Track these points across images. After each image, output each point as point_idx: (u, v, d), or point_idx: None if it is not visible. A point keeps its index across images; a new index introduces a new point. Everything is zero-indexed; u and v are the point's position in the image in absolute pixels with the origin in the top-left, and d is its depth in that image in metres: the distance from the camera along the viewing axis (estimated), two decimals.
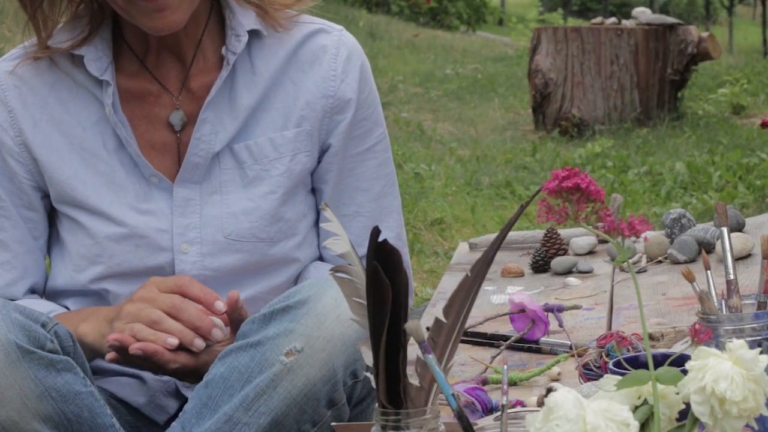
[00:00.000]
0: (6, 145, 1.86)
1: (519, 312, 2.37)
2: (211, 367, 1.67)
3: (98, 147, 1.84)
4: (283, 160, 1.85)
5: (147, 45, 1.86)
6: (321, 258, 1.94)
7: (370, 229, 1.85)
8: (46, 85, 1.86)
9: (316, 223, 1.93)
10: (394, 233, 1.93)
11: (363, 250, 1.23)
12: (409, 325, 1.19)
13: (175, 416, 1.84)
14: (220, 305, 1.71)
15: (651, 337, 2.26)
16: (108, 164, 1.84)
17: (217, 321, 1.71)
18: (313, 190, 1.93)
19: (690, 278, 1.58)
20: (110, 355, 1.71)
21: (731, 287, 1.62)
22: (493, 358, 2.27)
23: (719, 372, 1.20)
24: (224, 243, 1.83)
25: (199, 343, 1.69)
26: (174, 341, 1.68)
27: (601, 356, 1.94)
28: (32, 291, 1.91)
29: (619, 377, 1.25)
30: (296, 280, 1.91)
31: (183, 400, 1.86)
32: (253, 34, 1.85)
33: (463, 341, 2.41)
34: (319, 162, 1.89)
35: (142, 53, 1.86)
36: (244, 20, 1.84)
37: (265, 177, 1.84)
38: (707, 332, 1.27)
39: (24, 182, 1.87)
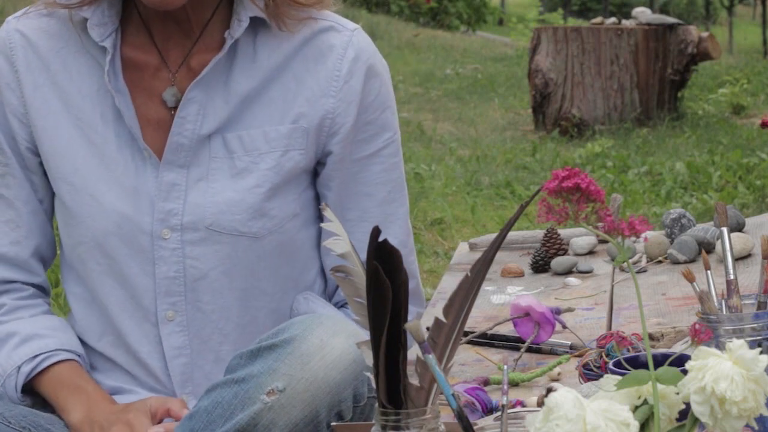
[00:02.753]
0: (12, 104, 1.85)
1: (523, 316, 2.36)
2: (199, 399, 1.67)
3: (95, 117, 1.82)
4: (274, 154, 1.81)
5: (156, 16, 1.82)
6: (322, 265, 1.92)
7: None
8: (53, 49, 1.84)
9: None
10: (397, 240, 1.87)
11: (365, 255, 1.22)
12: (409, 325, 1.19)
13: None
14: None
15: (651, 337, 2.26)
16: (102, 135, 1.82)
17: None
18: (319, 196, 1.89)
19: (690, 278, 1.58)
20: None
21: (731, 287, 1.62)
22: (515, 361, 2.27)
23: (719, 372, 1.20)
24: (206, 233, 1.81)
25: None
26: None
27: (601, 356, 1.94)
28: (38, 254, 1.90)
29: (619, 377, 1.25)
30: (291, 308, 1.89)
31: None
32: (260, 22, 1.82)
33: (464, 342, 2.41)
34: (324, 166, 1.86)
35: (151, 23, 1.83)
36: (250, 7, 1.81)
37: (254, 170, 1.81)
38: (707, 332, 1.27)
39: (23, 144, 1.85)
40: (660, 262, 3.01)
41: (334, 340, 1.62)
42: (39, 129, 1.84)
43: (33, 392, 1.83)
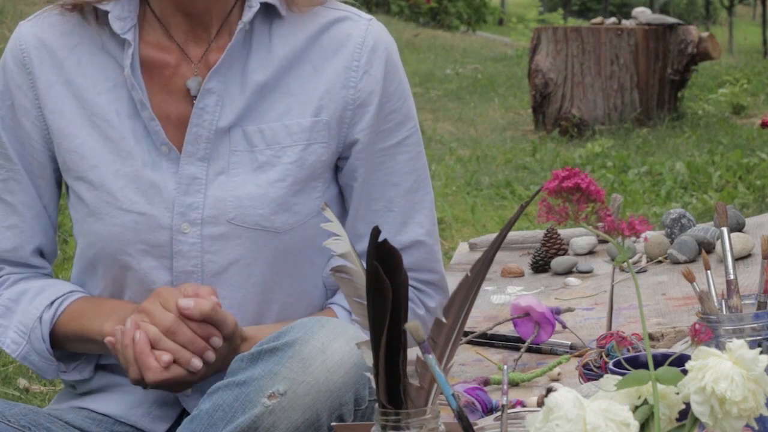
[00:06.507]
0: (24, 107, 1.85)
1: (523, 316, 2.36)
2: (200, 402, 1.67)
3: (110, 113, 1.82)
4: (296, 148, 1.81)
5: (174, 14, 1.83)
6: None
7: (400, 225, 1.86)
8: (66, 46, 1.85)
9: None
10: (424, 229, 1.88)
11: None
12: (409, 325, 1.20)
13: (174, 425, 1.84)
14: (216, 341, 1.72)
15: (651, 337, 2.26)
16: (118, 131, 1.81)
17: (214, 341, 1.72)
18: (342, 190, 1.88)
19: (690, 278, 1.58)
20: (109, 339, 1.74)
21: (731, 287, 1.62)
22: (515, 361, 2.27)
23: (719, 372, 1.20)
24: (227, 227, 1.80)
25: (196, 363, 1.70)
26: (167, 358, 1.69)
27: (601, 356, 1.94)
28: (40, 253, 1.91)
29: (619, 377, 1.25)
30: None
31: (181, 409, 1.85)
32: (272, 10, 1.83)
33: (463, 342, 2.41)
34: (348, 158, 1.85)
35: (168, 22, 1.84)
36: None
37: (276, 163, 1.81)
38: (707, 332, 1.27)
39: (36, 147, 1.86)
40: (660, 262, 3.01)
41: (336, 344, 1.62)
42: (54, 129, 1.84)
43: (58, 345, 1.84)
